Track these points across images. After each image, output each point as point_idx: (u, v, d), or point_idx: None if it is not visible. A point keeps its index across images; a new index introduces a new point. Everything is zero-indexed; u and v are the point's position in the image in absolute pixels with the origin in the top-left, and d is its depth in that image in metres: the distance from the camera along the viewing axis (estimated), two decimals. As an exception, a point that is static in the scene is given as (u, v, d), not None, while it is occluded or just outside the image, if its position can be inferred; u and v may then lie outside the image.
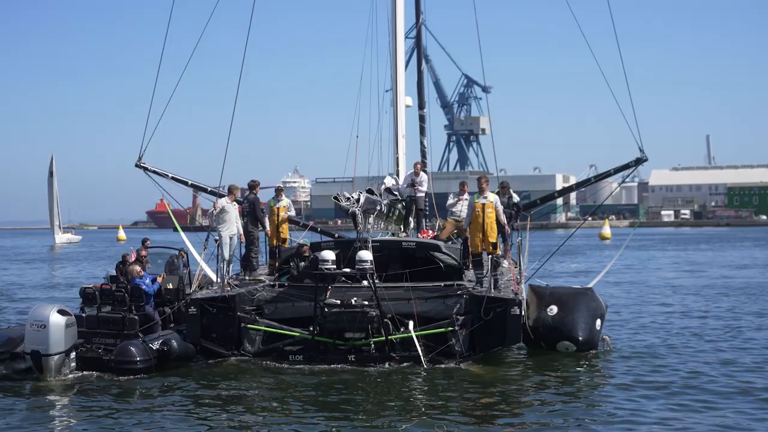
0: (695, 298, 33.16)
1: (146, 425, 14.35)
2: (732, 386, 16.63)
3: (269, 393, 16.74)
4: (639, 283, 40.66)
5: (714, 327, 24.60)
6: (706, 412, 14.69)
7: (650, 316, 27.28)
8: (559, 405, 15.46)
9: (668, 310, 28.99)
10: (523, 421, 14.50)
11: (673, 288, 38.03)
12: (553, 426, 14.07)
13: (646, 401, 15.48)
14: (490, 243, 20.03)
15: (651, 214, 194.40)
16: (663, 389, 16.33)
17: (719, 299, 32.78)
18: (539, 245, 26.77)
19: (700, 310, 29.00)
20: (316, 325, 18.82)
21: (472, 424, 14.33)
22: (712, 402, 15.30)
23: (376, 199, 21.49)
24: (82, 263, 65.76)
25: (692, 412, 14.62)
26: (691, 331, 23.60)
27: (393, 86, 25.79)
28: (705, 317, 26.84)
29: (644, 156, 22.47)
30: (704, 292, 35.98)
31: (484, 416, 14.93)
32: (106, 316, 19.00)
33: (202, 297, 19.21)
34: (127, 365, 17.63)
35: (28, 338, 17.54)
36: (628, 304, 30.40)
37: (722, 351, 20.49)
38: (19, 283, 46.85)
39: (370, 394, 16.44)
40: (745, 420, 14.18)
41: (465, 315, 18.90)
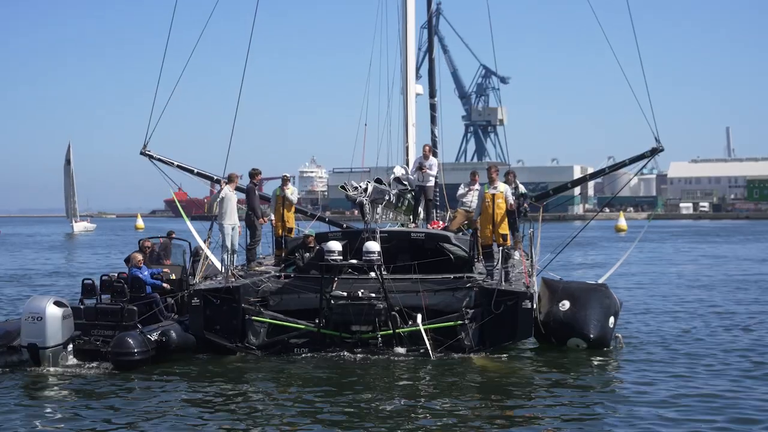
0: (712, 293, 32.50)
1: (142, 417, 13.94)
2: (749, 386, 16.04)
3: (273, 386, 16.31)
4: (655, 277, 39.91)
5: (732, 324, 23.90)
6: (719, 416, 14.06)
7: (665, 312, 26.56)
8: (560, 401, 15.00)
9: (684, 306, 28.17)
10: (523, 415, 14.17)
11: (690, 282, 37.35)
12: (552, 420, 13.78)
13: (652, 401, 14.90)
14: (501, 234, 19.59)
15: (669, 207, 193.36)
16: (673, 391, 15.68)
17: (736, 294, 32.05)
18: (556, 237, 26.18)
19: (717, 306, 28.24)
20: (322, 317, 18.37)
21: (475, 416, 13.95)
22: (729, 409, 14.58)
23: (385, 189, 20.97)
24: (99, 251, 65.76)
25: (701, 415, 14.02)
26: (708, 329, 22.91)
27: (403, 74, 25.30)
28: (722, 314, 26.09)
29: (660, 146, 22.01)
30: (722, 286, 35.27)
31: (486, 408, 14.58)
32: (104, 307, 18.71)
33: (205, 288, 18.76)
34: (125, 357, 17.17)
35: (24, 331, 17.25)
36: (643, 300, 29.61)
37: (741, 350, 19.79)
38: (36, 269, 47.18)
39: (376, 387, 15.95)
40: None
41: (475, 308, 18.43)
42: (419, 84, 26.22)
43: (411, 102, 25.25)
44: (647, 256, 53.97)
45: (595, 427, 13.52)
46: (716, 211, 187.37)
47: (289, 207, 22.06)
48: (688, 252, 61.08)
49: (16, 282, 39.50)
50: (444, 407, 14.55)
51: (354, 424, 13.59)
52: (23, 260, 56.69)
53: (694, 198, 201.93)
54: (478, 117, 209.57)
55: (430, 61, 27.80)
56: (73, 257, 60.99)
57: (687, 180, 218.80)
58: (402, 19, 24.96)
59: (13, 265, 52.00)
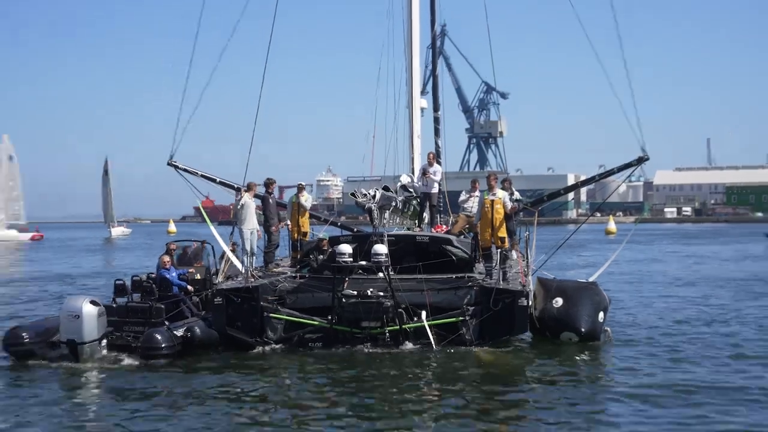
0: (694, 290, 32.25)
1: (169, 406, 13.89)
2: (729, 376, 15.81)
3: (288, 377, 16.22)
4: (642, 276, 39.68)
5: (711, 318, 23.67)
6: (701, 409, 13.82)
7: (651, 307, 26.31)
8: (553, 389, 14.87)
9: (669, 302, 27.99)
10: (518, 402, 14.08)
11: (674, 280, 37.08)
12: (546, 407, 13.65)
13: (637, 389, 14.75)
14: (499, 237, 19.43)
15: (655, 211, 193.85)
16: (658, 382, 15.44)
17: (717, 291, 31.78)
18: (551, 239, 25.87)
19: (699, 302, 28.01)
20: (334, 314, 18.22)
21: (476, 405, 13.81)
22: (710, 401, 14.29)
23: (392, 196, 20.81)
24: (133, 253, 65.82)
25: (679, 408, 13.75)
26: (690, 324, 22.66)
27: (408, 90, 25.12)
28: (704, 309, 25.87)
29: (646, 155, 21.76)
30: (703, 284, 35.01)
31: (485, 396, 14.49)
32: (134, 305, 18.62)
33: (227, 287, 18.61)
34: (154, 351, 17.04)
35: (63, 328, 17.19)
36: (631, 297, 29.40)
37: (721, 342, 19.61)
38: (77, 270, 47.46)
39: (384, 378, 15.80)
40: (739, 408, 13.42)
41: (475, 305, 18.24)
42: (424, 99, 26.07)
43: (416, 116, 25.09)
44: (636, 256, 53.66)
45: (585, 411, 13.38)
46: (698, 215, 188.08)
47: (303, 213, 21.90)
48: (673, 252, 60.79)
49: (60, 281, 39.78)
50: (446, 396, 14.44)
51: (363, 413, 13.43)
52: (66, 262, 57.01)
53: (678, 203, 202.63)
54: (480, 129, 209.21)
55: (433, 78, 27.73)
56: (110, 259, 61.16)
57: (671, 187, 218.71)
58: (408, 41, 24.76)
59: (58, 266, 52.31)
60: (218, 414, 13.42)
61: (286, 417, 13.32)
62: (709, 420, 12.79)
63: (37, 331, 17.97)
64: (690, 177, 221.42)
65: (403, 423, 12.77)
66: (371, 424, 12.80)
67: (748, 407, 13.54)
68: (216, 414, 13.40)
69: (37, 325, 18.46)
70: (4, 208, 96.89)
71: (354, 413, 13.35)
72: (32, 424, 13.00)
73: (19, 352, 17.59)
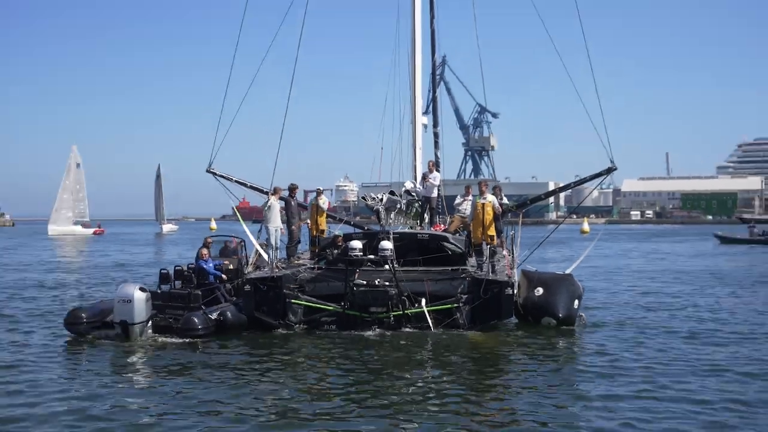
0: (655, 280, 31.91)
1: (204, 379, 13.59)
2: (686, 354, 15.44)
3: (307, 354, 15.88)
4: (611, 268, 39.27)
5: (669, 304, 23.29)
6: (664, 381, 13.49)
7: (619, 296, 25.92)
8: (536, 367, 14.54)
9: (635, 291, 27.65)
10: (507, 379, 13.67)
11: (639, 272, 36.72)
12: (527, 379, 13.39)
13: (606, 365, 14.45)
14: (489, 235, 19.12)
15: (622, 214, 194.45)
16: (624, 361, 15.13)
17: (674, 281, 31.44)
18: (533, 237, 25.50)
19: (660, 291, 27.67)
20: (346, 301, 17.89)
21: (465, 380, 13.49)
22: (670, 374, 14.05)
23: (396, 199, 20.43)
24: (180, 246, 65.73)
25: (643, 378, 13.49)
26: (653, 309, 22.31)
27: (412, 109, 24.80)
28: (664, 297, 25.52)
29: (614, 166, 21.43)
30: (662, 275, 34.68)
31: (476, 372, 14.23)
32: (176, 292, 18.33)
33: (255, 277, 18.29)
34: (191, 332, 16.73)
35: (116, 310, 16.91)
36: (602, 286, 29.02)
37: (679, 325, 19.31)
38: (133, 260, 47.58)
39: (389, 356, 15.49)
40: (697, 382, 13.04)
41: (467, 294, 17.85)
42: (426, 117, 25.69)
43: (419, 131, 24.73)
44: (606, 252, 53.24)
45: (559, 385, 13.13)
46: (658, 217, 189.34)
47: (321, 213, 21.55)
48: (637, 250, 60.34)
49: (120, 268, 40.00)
50: (440, 371, 14.14)
51: (368, 384, 13.17)
52: (124, 253, 57.11)
53: (642, 207, 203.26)
54: (474, 144, 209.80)
55: (433, 100, 27.44)
56: (161, 251, 61.04)
57: (636, 193, 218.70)
58: (411, 69, 24.49)
59: (117, 256, 52.37)
60: (244, 384, 13.17)
61: (302, 387, 13.04)
62: (668, 391, 12.47)
63: (93, 312, 17.71)
64: (652, 185, 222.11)
65: (401, 397, 12.40)
66: (373, 394, 12.51)
67: (702, 380, 13.26)
68: (242, 385, 13.15)
69: (93, 307, 18.18)
70: (72, 207, 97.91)
71: (359, 386, 13.04)
72: (90, 392, 12.76)
73: (77, 331, 17.40)
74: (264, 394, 12.60)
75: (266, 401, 12.13)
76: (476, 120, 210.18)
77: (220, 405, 11.81)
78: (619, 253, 53.65)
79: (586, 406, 11.77)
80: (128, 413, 11.51)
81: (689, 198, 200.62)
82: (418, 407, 11.70)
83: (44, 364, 14.85)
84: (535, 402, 11.98)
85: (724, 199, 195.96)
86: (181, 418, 11.24)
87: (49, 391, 12.70)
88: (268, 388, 12.97)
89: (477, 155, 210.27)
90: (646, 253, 55.30)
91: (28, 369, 14.36)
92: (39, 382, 13.39)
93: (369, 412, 11.49)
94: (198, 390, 12.76)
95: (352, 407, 11.71)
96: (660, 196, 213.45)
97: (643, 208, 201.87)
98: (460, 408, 11.68)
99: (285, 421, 11.10)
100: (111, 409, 11.70)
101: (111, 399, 12.27)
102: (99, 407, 11.78)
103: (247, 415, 11.28)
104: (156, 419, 11.22)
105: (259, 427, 10.82)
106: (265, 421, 11.06)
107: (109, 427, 10.85)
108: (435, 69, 27.25)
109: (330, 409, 11.61)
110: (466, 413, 11.43)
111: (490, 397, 12.52)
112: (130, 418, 11.24)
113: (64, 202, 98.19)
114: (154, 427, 10.86)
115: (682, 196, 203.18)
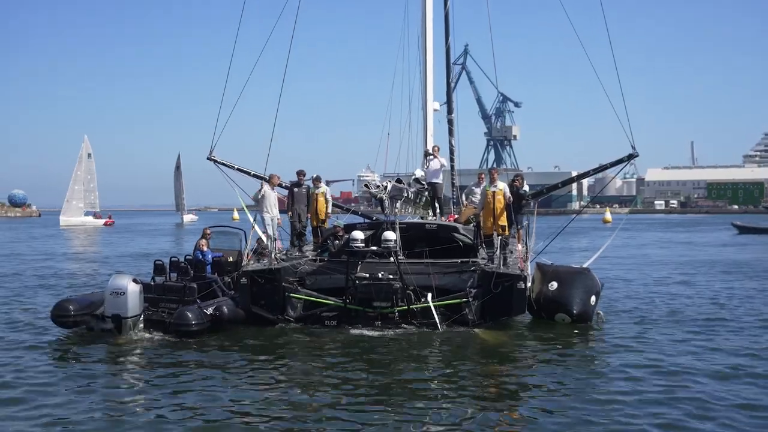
0: (681, 272, 30.61)
1: (196, 377, 12.77)
2: (709, 355, 14.23)
3: (306, 352, 14.84)
4: (635, 261, 37.89)
5: (698, 302, 21.96)
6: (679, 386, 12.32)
7: (642, 291, 24.42)
8: (547, 368, 13.43)
9: (659, 286, 26.21)
10: (516, 381, 12.54)
11: (663, 263, 35.37)
12: (540, 381, 12.35)
13: (620, 366, 13.35)
14: (500, 226, 17.97)
15: (646, 204, 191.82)
16: (643, 362, 13.98)
17: (701, 274, 30.09)
18: (556, 227, 24.29)
19: (685, 286, 26.25)
20: (348, 295, 16.79)
21: (475, 383, 12.44)
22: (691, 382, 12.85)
23: (402, 187, 19.23)
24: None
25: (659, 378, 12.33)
26: (680, 305, 21.03)
27: (423, 93, 23.69)
28: (690, 293, 24.18)
29: (635, 152, 20.23)
30: (688, 267, 33.32)
31: (485, 375, 13.04)
32: (170, 284, 17.34)
33: (252, 269, 17.23)
34: (184, 328, 15.72)
35: (108, 303, 15.88)
36: (625, 281, 27.61)
37: (701, 323, 18.06)
38: (152, 249, 47.15)
39: (392, 354, 14.48)
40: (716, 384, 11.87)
41: (477, 288, 16.66)
42: (437, 102, 24.47)
43: (429, 117, 23.62)
44: (630, 242, 51.94)
45: (573, 383, 12.21)
46: (683, 207, 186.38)
47: (317, 200, 20.14)
48: (661, 237, 58.97)
49: (141, 257, 39.54)
50: (447, 372, 13.13)
51: (372, 384, 12.26)
52: (143, 243, 56.97)
53: (666, 197, 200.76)
54: (497, 133, 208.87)
55: (447, 86, 26.27)
56: (180, 241, 60.54)
57: (660, 183, 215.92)
58: (422, 48, 23.39)
59: (136, 246, 52.15)
60: (240, 384, 12.32)
61: (298, 388, 12.10)
62: (696, 402, 11.22)
63: (82, 304, 16.66)
64: (676, 174, 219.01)
65: (404, 399, 11.43)
66: (375, 397, 11.55)
67: (731, 387, 11.99)
68: (238, 384, 12.27)
69: (83, 299, 17.10)
70: (83, 198, 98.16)
71: (359, 388, 12.09)
72: (76, 389, 12.03)
73: (65, 323, 16.44)
74: (259, 393, 11.78)
75: (262, 401, 11.30)
76: (498, 109, 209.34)
77: (215, 405, 11.04)
78: (643, 244, 52.33)
79: (601, 412, 10.69)
80: (119, 413, 10.75)
81: (714, 187, 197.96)
82: (422, 411, 10.81)
83: (29, 363, 13.83)
84: (544, 407, 10.98)
85: (750, 188, 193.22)
86: (175, 418, 10.49)
87: (34, 391, 11.88)
88: (264, 387, 12.13)
89: (499, 145, 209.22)
90: (670, 243, 53.89)
91: (11, 368, 13.42)
92: (23, 380, 12.56)
93: (370, 416, 10.56)
94: (193, 389, 11.95)
95: (351, 411, 10.80)
96: (685, 185, 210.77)
97: (667, 197, 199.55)
98: (465, 412, 10.73)
99: (278, 424, 10.28)
100: (102, 409, 10.93)
101: (102, 399, 11.48)
102: (89, 406, 11.02)
103: (242, 417, 10.51)
104: (148, 422, 10.43)
105: (253, 429, 10.09)
106: (258, 423, 10.30)
107: (100, 427, 10.17)
108: (449, 54, 26.14)
109: (328, 413, 10.71)
110: (470, 418, 10.49)
111: (498, 400, 11.49)
112: (120, 419, 10.50)
113: (76, 193, 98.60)
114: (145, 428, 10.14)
115: (708, 186, 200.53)
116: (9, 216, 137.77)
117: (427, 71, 23.22)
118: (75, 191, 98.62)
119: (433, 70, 23.47)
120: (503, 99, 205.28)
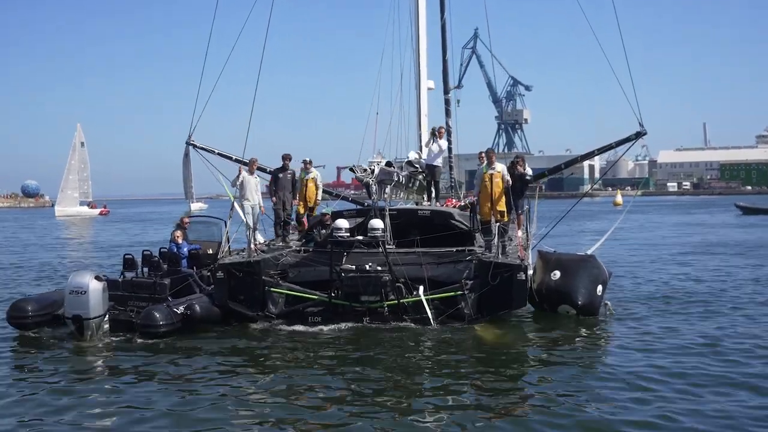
0: (695, 254, 29.06)
1: (164, 382, 11.57)
2: (730, 357, 12.68)
3: (289, 351, 13.47)
4: (647, 246, 36.17)
5: (713, 292, 20.20)
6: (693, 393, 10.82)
7: (653, 279, 22.67)
8: (549, 366, 12.15)
9: (671, 273, 24.49)
10: (516, 382, 11.40)
11: (676, 249, 33.74)
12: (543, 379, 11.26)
13: (629, 362, 12.08)
14: (498, 211, 16.41)
15: (659, 186, 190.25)
16: (654, 362, 12.44)
17: (717, 258, 28.46)
18: (564, 210, 22.86)
19: (699, 272, 24.51)
20: (333, 289, 15.31)
21: (471, 383, 11.22)
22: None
23: (391, 171, 17.66)
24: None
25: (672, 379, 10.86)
26: (691, 296, 19.27)
27: (416, 71, 22.12)
28: (705, 280, 22.49)
29: (643, 129, 18.68)
30: (701, 249, 31.72)
31: (482, 374, 11.74)
32: (139, 281, 15.85)
33: (228, 262, 15.77)
34: (152, 329, 14.21)
35: (69, 303, 14.35)
36: (636, 268, 25.88)
37: (719, 317, 16.48)
38: (159, 239, 45.44)
39: (383, 352, 13.15)
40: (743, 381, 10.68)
41: (474, 279, 15.11)
42: (432, 81, 22.94)
43: (423, 96, 22.09)
44: (643, 224, 50.33)
45: (579, 383, 11.03)
46: (696, 188, 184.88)
47: (305, 186, 18.72)
48: (673, 219, 57.44)
49: (150, 246, 38.09)
50: (442, 372, 11.87)
51: (360, 385, 11.11)
52: (152, 232, 56.82)
53: (679, 179, 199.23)
54: (507, 117, 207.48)
55: (444, 63, 24.65)
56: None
57: (672, 165, 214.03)
58: (414, 22, 21.83)
59: (146, 235, 51.58)
60: (216, 389, 11.06)
61: (278, 391, 10.91)
62: (709, 405, 9.84)
63: (41, 304, 15.27)
64: (689, 156, 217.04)
65: (394, 403, 10.27)
66: (365, 399, 10.44)
67: (743, 389, 10.61)
68: (209, 393, 10.90)
69: (42, 298, 15.73)
70: (78, 187, 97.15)
71: (348, 388, 10.98)
72: (33, 398, 10.88)
73: (22, 325, 14.99)
74: (237, 399, 10.57)
75: (240, 409, 10.12)
76: (509, 93, 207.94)
77: (188, 415, 9.89)
78: (655, 224, 50.81)
79: (608, 414, 9.46)
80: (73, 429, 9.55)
81: (728, 168, 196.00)
82: (412, 417, 9.67)
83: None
84: (547, 408, 9.83)
85: (763, 169, 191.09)
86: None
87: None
88: (242, 393, 10.88)
89: (510, 128, 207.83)
90: (682, 224, 52.32)
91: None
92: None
93: (357, 420, 9.53)
94: (165, 397, 10.73)
95: (335, 419, 9.64)
96: (697, 167, 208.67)
97: (680, 179, 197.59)
98: (460, 418, 9.62)
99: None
100: (52, 424, 9.74)
101: (52, 411, 10.27)
102: (39, 423, 9.78)
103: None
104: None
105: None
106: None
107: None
108: (444, 28, 24.56)
109: (310, 419, 9.61)
110: (466, 422, 9.43)
111: (496, 404, 10.24)
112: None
113: (70, 183, 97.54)
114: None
115: (721, 167, 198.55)
116: (22, 206, 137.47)
117: (420, 48, 21.64)
118: (69, 181, 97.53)
119: (426, 46, 21.94)
120: (514, 82, 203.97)
